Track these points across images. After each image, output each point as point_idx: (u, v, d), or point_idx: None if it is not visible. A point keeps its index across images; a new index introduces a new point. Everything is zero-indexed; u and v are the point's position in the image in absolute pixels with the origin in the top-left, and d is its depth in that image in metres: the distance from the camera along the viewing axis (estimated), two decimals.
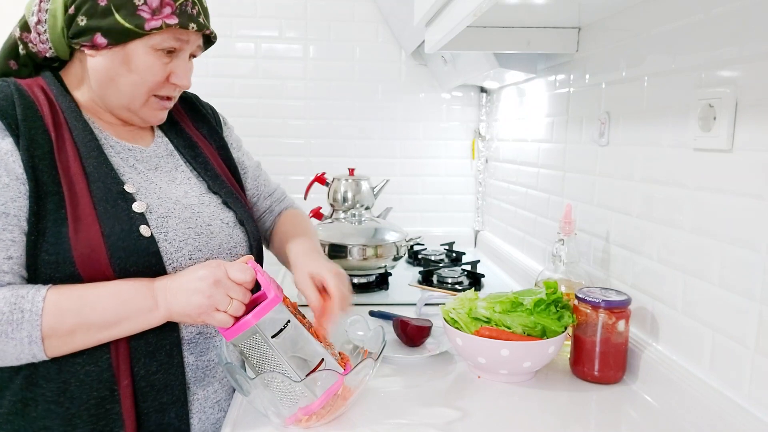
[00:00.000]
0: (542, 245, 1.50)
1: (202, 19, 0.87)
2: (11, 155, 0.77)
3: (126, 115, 0.91)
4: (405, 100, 2.07)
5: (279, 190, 1.22)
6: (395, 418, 0.85)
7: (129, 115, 0.90)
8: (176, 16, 0.83)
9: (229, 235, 0.95)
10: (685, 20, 0.88)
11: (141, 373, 0.81)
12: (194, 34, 0.88)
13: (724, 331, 0.79)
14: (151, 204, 0.85)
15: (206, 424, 0.89)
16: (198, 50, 0.93)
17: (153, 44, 0.84)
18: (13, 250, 0.76)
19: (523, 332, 0.94)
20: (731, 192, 0.78)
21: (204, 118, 1.08)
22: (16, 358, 0.75)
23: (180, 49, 0.88)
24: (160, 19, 0.82)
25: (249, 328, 0.77)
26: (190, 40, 0.88)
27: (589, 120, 1.22)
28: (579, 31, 1.25)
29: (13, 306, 0.73)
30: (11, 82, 0.84)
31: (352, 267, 1.53)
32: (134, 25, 0.82)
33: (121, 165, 0.87)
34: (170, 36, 0.85)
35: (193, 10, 0.86)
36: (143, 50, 0.84)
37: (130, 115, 0.90)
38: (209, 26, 0.90)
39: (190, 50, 0.90)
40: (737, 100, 0.77)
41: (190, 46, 0.89)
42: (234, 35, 1.99)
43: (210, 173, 0.99)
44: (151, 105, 0.90)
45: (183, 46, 0.87)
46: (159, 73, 0.87)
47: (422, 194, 2.13)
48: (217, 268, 0.79)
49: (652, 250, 0.97)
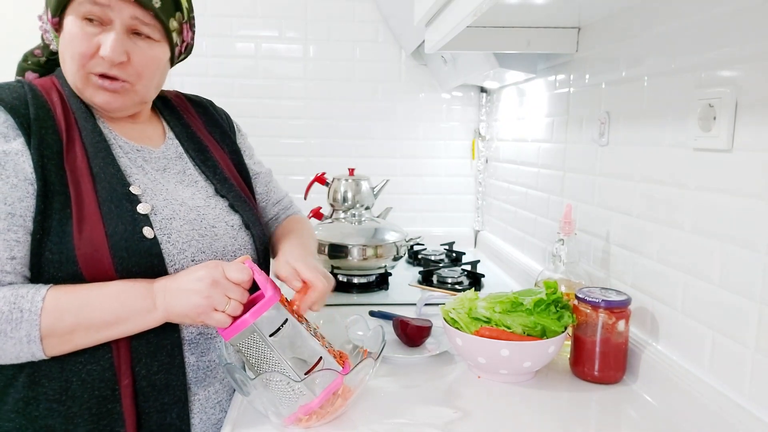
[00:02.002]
0: (542, 245, 1.50)
1: None
2: (22, 155, 0.78)
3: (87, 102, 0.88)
4: (405, 100, 2.07)
5: (287, 199, 1.22)
6: (395, 418, 0.85)
7: (86, 101, 0.88)
8: None
9: (233, 237, 0.95)
10: (685, 20, 0.88)
11: (142, 373, 0.81)
12: (117, 1, 0.81)
13: (724, 331, 0.79)
14: (157, 205, 0.86)
15: (207, 425, 0.89)
16: (140, 25, 0.85)
17: (76, 12, 0.82)
18: (17, 250, 0.76)
19: (523, 332, 0.94)
20: (731, 192, 0.78)
21: (217, 122, 1.09)
22: (15, 356, 0.75)
23: (107, 18, 0.82)
24: None
25: (247, 327, 0.77)
26: (111, 5, 0.81)
27: (589, 120, 1.22)
28: (579, 31, 1.25)
29: (13, 305, 0.73)
30: (26, 83, 0.85)
31: (352, 267, 1.53)
32: None
33: (128, 166, 0.88)
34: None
35: None
36: (72, 20, 0.83)
37: (87, 101, 0.88)
38: None
39: (120, 21, 0.83)
40: (737, 100, 0.77)
41: (117, 15, 0.82)
42: (234, 35, 1.99)
43: (218, 176, 0.99)
44: (91, 84, 0.85)
45: (108, 13, 0.82)
46: (84, 44, 0.82)
47: (422, 194, 2.13)
48: (215, 269, 0.79)
49: (652, 250, 0.97)
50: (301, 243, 1.04)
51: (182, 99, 1.08)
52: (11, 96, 0.81)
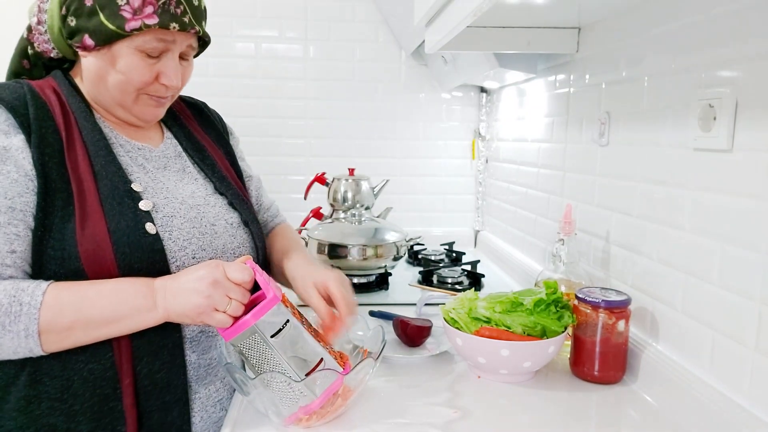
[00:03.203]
0: (542, 245, 1.50)
1: (187, 18, 0.85)
2: (22, 152, 0.78)
3: (121, 114, 0.90)
4: (405, 100, 2.07)
5: (275, 206, 1.23)
6: (395, 418, 0.85)
7: (124, 113, 0.90)
8: (157, 16, 0.82)
9: (233, 235, 0.95)
10: (685, 20, 0.88)
11: (143, 372, 0.81)
12: (180, 34, 0.86)
13: (724, 331, 0.79)
14: (158, 203, 0.86)
15: (208, 423, 0.90)
16: (190, 50, 0.91)
17: (137, 45, 0.83)
18: (17, 244, 0.77)
19: (523, 332, 0.94)
20: (731, 192, 0.78)
21: (212, 124, 1.10)
22: (13, 351, 0.75)
23: (166, 49, 0.86)
24: (140, 19, 0.81)
25: (248, 328, 0.77)
26: (176, 40, 0.86)
27: (589, 120, 1.22)
28: (579, 31, 1.25)
29: (13, 298, 0.73)
30: (24, 83, 0.86)
31: (352, 267, 1.53)
32: (116, 26, 0.81)
33: (129, 164, 0.88)
34: (152, 37, 0.83)
35: (177, 9, 0.84)
36: (128, 51, 0.84)
37: (125, 114, 0.90)
38: (196, 25, 0.86)
39: (178, 50, 0.88)
40: (737, 100, 0.77)
41: (177, 46, 0.87)
42: (234, 35, 1.99)
43: (217, 175, 1.00)
44: (143, 102, 0.89)
45: (169, 46, 0.86)
46: (145, 74, 0.86)
47: (422, 194, 2.13)
48: (216, 269, 0.79)
49: (652, 250, 0.97)
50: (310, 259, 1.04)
51: (177, 100, 1.08)
52: (11, 95, 0.81)
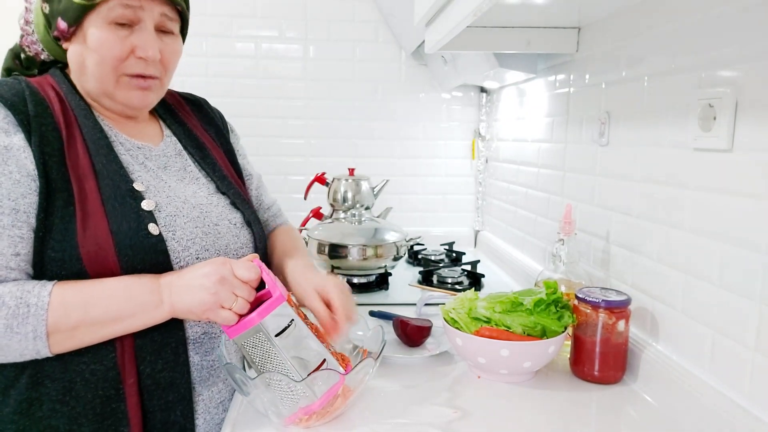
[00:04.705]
0: (542, 245, 1.50)
1: None
2: (23, 151, 0.77)
3: (108, 103, 0.88)
4: (405, 100, 2.07)
5: (276, 206, 1.21)
6: (395, 418, 0.85)
7: (110, 102, 0.88)
8: None
9: (236, 235, 0.95)
10: (685, 20, 0.88)
11: (146, 372, 0.81)
12: (147, 1, 0.83)
13: (724, 331, 0.79)
14: (160, 203, 0.85)
15: (210, 424, 0.89)
16: (166, 21, 0.87)
17: (104, 17, 0.81)
18: (21, 246, 0.76)
19: (523, 332, 0.94)
20: (731, 192, 0.78)
21: (212, 121, 1.09)
22: (20, 354, 0.74)
23: (137, 19, 0.83)
24: None
25: (253, 326, 0.77)
26: (143, 6, 0.83)
27: (589, 120, 1.22)
28: (579, 31, 1.25)
29: (19, 300, 0.73)
30: (22, 80, 0.84)
31: (352, 267, 1.53)
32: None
33: (130, 163, 0.87)
34: (116, 3, 0.81)
35: None
36: (97, 25, 0.82)
37: (111, 102, 0.88)
38: None
39: (151, 20, 0.84)
40: (737, 100, 0.77)
41: (148, 14, 0.84)
42: (234, 35, 1.99)
43: (218, 174, 0.99)
44: (124, 85, 0.86)
45: (138, 14, 0.83)
46: (116, 47, 0.83)
47: (422, 194, 2.13)
48: (223, 266, 0.79)
49: (652, 250, 0.97)
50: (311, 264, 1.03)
51: (177, 97, 1.08)
52: (10, 93, 0.80)
